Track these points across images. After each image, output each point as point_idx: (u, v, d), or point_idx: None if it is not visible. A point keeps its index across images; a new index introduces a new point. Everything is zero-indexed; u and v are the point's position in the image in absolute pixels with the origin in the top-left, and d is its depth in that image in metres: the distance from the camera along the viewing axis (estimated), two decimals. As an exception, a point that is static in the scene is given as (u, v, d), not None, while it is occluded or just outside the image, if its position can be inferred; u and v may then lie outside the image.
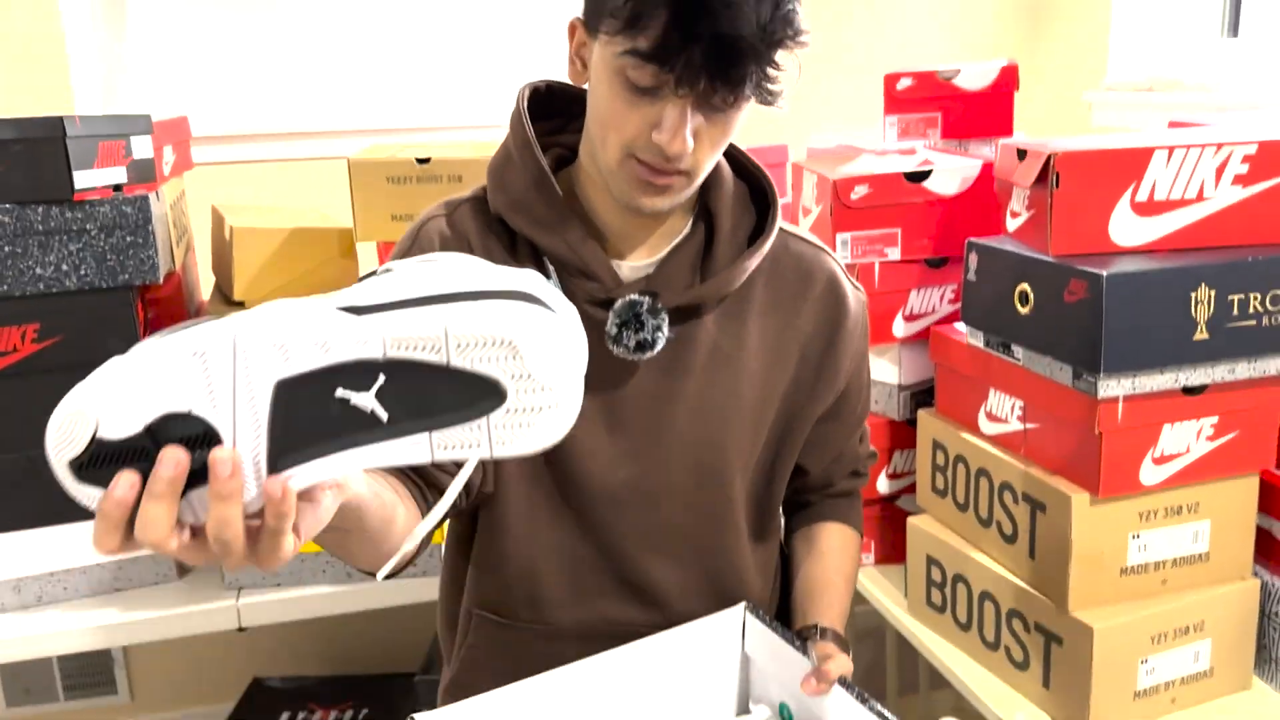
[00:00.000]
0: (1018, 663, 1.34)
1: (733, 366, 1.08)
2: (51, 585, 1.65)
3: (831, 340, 1.12)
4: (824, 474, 1.23)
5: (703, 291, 1.05)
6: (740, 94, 0.92)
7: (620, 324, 1.02)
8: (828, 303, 1.11)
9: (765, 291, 1.09)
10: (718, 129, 0.96)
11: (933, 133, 1.73)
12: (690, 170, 0.97)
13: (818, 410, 1.14)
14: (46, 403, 1.67)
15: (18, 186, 1.54)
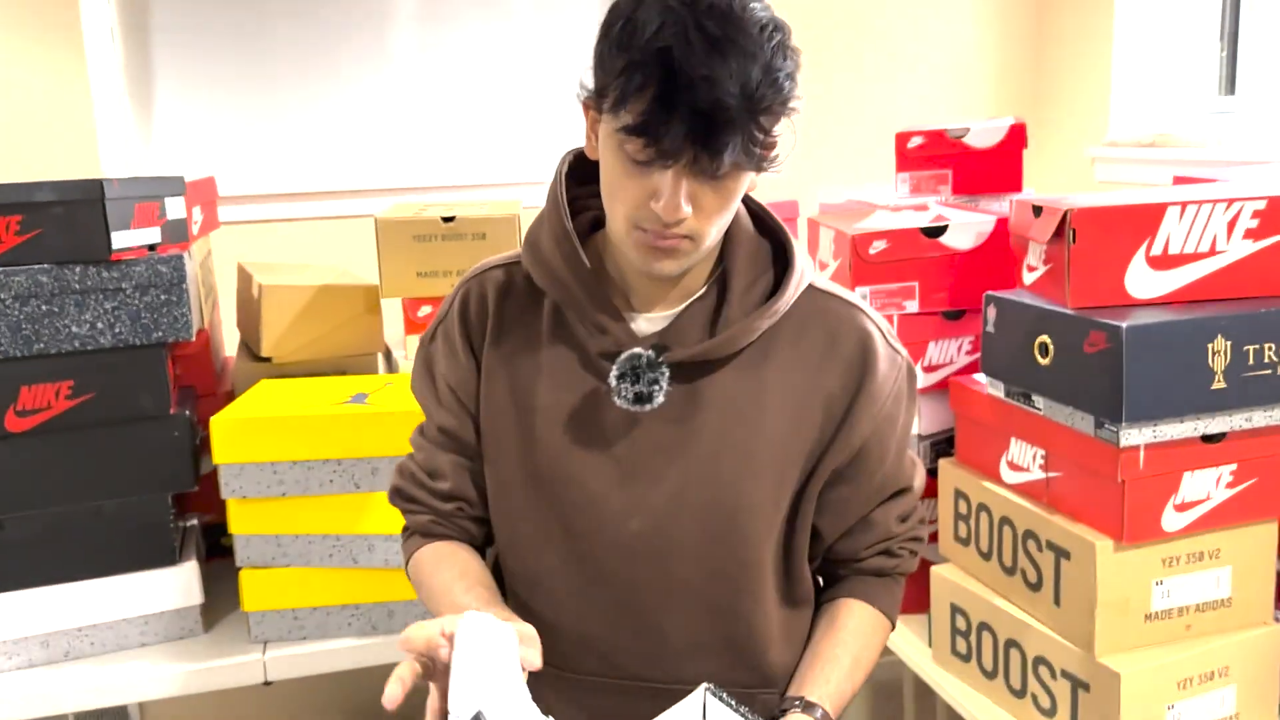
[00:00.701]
0: (1045, 709, 1.35)
1: (748, 422, 1.08)
2: (79, 640, 1.66)
3: (855, 397, 1.09)
4: (848, 546, 1.18)
5: (710, 347, 1.06)
6: (724, 162, 0.94)
7: (619, 376, 1.05)
8: (854, 361, 1.10)
9: (790, 348, 1.09)
10: (717, 195, 0.99)
11: (944, 189, 1.78)
12: (694, 235, 1.00)
13: (830, 467, 1.11)
14: (77, 459, 1.71)
15: (56, 247, 1.58)
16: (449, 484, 1.15)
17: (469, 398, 1.14)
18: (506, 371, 1.12)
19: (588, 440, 1.08)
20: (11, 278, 1.55)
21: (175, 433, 1.66)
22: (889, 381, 1.11)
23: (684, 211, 0.97)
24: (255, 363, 1.94)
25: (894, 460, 1.15)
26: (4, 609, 1.61)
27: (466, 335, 1.14)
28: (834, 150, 2.71)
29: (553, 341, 1.11)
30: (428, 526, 1.18)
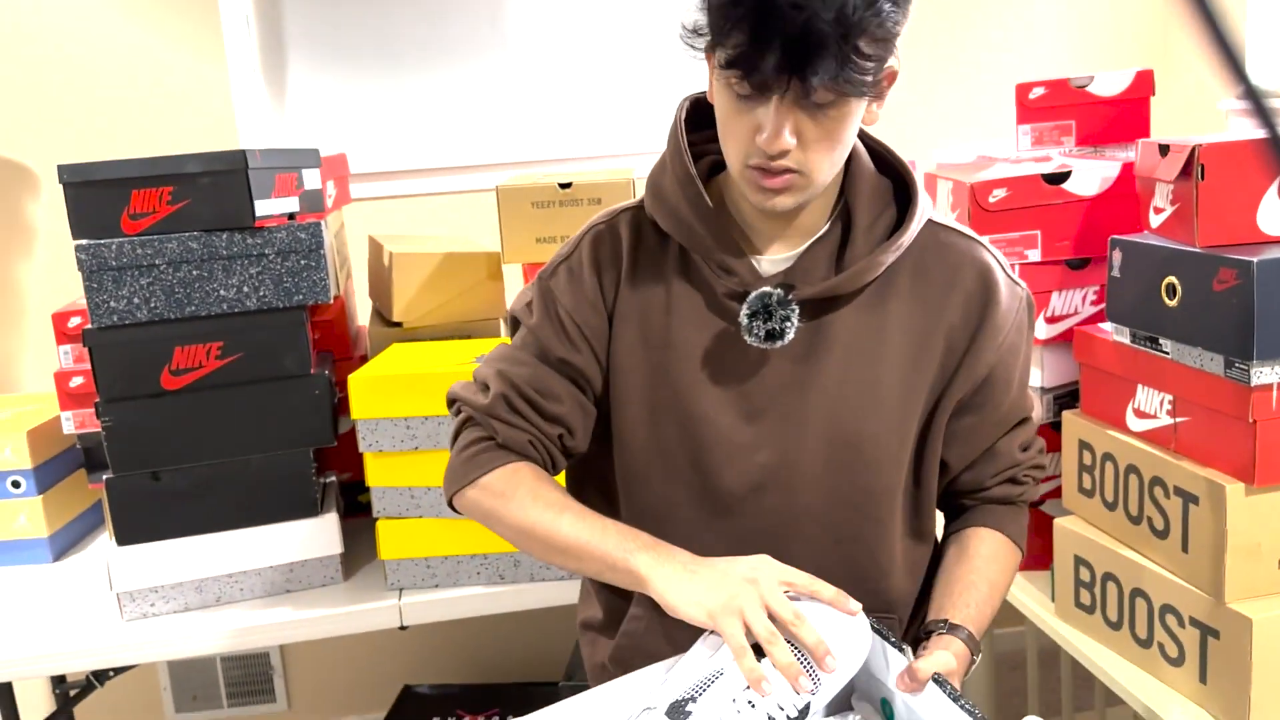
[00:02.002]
0: (1172, 659, 1.33)
1: (872, 356, 1.10)
2: (230, 586, 1.77)
3: (977, 329, 1.11)
4: (973, 476, 1.20)
5: (838, 283, 1.08)
6: (816, 87, 0.94)
7: (750, 314, 1.07)
8: (976, 293, 1.11)
9: (911, 283, 1.11)
10: (821, 127, 0.99)
11: (1067, 140, 1.75)
12: (802, 169, 1.01)
13: (955, 398, 1.12)
14: (226, 415, 1.82)
15: (204, 216, 1.68)
16: (563, 409, 1.15)
17: (593, 335, 1.15)
18: (638, 312, 1.14)
19: (716, 377, 1.11)
20: (165, 245, 1.67)
21: (316, 391, 1.76)
22: (1011, 312, 1.12)
23: (786, 143, 0.98)
24: (387, 328, 2.03)
25: (1018, 390, 1.16)
26: (161, 556, 1.72)
27: (598, 275, 1.15)
28: (952, 108, 2.67)
29: (680, 283, 1.13)
30: (523, 444, 1.15)
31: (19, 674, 1.70)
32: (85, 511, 2.15)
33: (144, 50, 2.42)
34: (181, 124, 2.44)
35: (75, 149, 2.40)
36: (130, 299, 1.67)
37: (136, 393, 1.69)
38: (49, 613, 1.80)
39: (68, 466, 2.11)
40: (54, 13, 2.38)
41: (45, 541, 2.00)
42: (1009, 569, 1.19)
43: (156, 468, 1.71)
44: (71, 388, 1.97)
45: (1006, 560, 1.19)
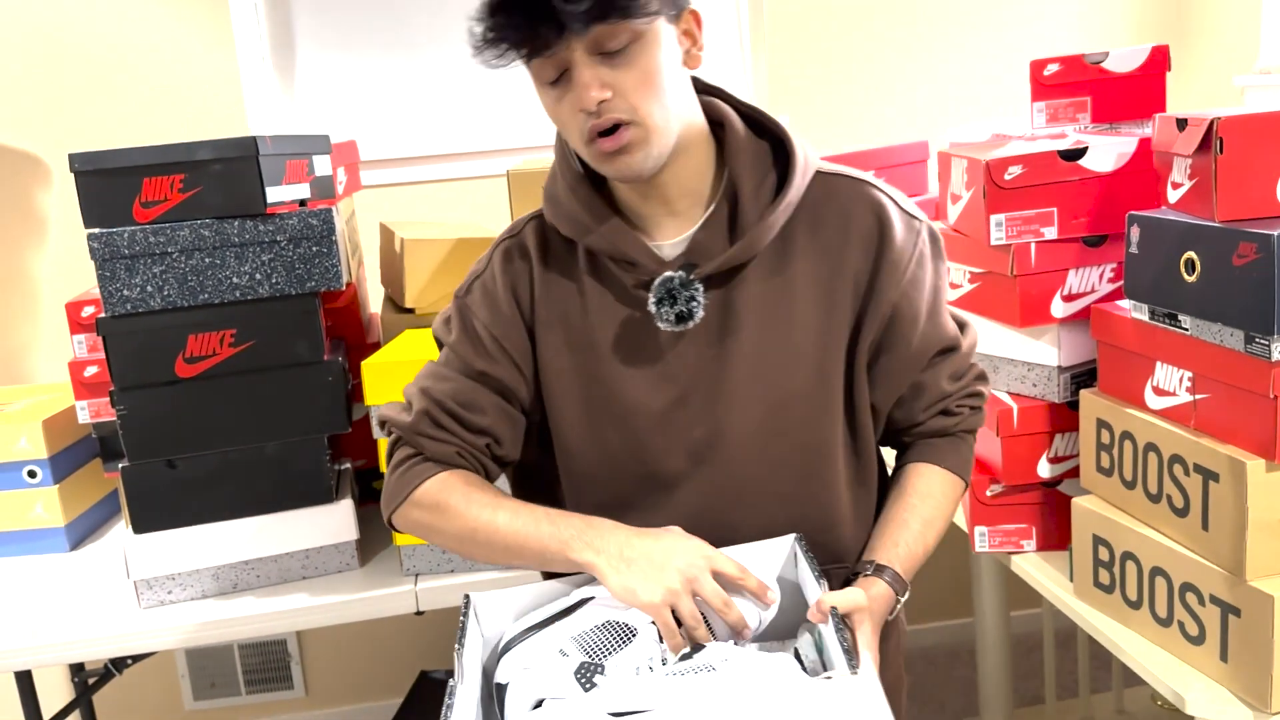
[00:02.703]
0: (1192, 637, 1.32)
1: (785, 316, 1.12)
2: (246, 573, 1.78)
3: (876, 267, 1.12)
4: (905, 413, 1.21)
5: (734, 254, 1.10)
6: (598, 26, 0.98)
7: (657, 301, 1.10)
8: (871, 231, 1.13)
9: (809, 236, 1.13)
10: (629, 71, 1.01)
11: (1083, 117, 1.73)
12: (633, 118, 1.03)
13: (868, 340, 1.14)
14: (241, 403, 1.82)
15: (215, 203, 1.68)
16: (487, 420, 1.17)
17: (512, 347, 1.17)
18: (558, 318, 1.16)
19: (641, 366, 1.13)
20: (177, 232, 1.66)
21: (329, 377, 1.76)
22: (909, 246, 1.14)
23: (598, 95, 1.01)
24: (399, 314, 2.02)
25: (928, 322, 1.16)
26: (177, 544, 1.73)
27: (511, 290, 1.17)
28: (966, 86, 2.65)
29: (592, 282, 1.15)
30: (450, 456, 1.18)
31: (38, 662, 1.71)
32: (101, 500, 2.16)
33: (153, 38, 2.41)
34: (192, 112, 2.43)
35: (86, 138, 2.40)
36: (143, 287, 1.67)
37: (151, 381, 1.69)
38: (66, 601, 1.81)
39: (83, 456, 2.11)
40: (63, 3, 2.38)
41: (62, 530, 2.01)
42: (947, 501, 1.21)
43: (172, 456, 1.72)
44: (86, 377, 1.97)
45: (943, 493, 1.20)
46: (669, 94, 1.05)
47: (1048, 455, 1.61)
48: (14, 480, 1.99)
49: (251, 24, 2.48)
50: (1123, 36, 2.67)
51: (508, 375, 1.17)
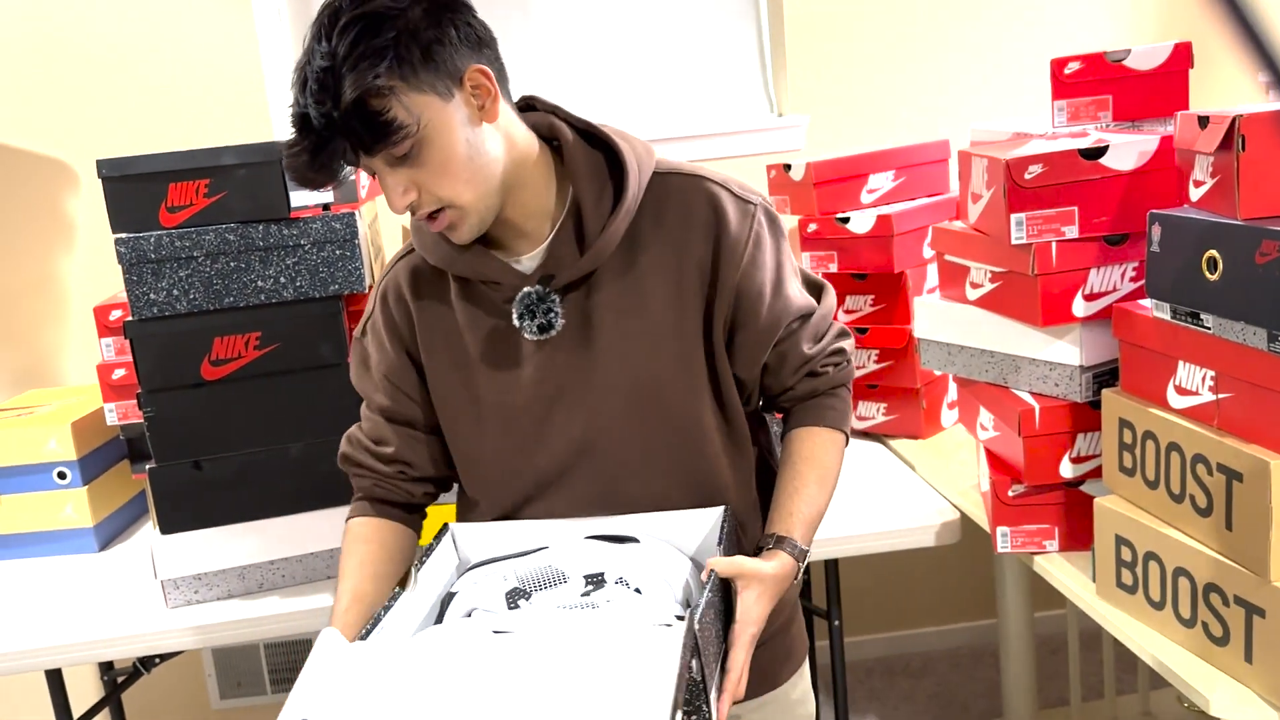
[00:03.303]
0: (1216, 638, 1.31)
1: (640, 310, 1.21)
2: (272, 573, 1.80)
3: (716, 254, 1.21)
4: (775, 381, 1.30)
5: (584, 264, 1.19)
6: (366, 158, 1.09)
7: (519, 316, 1.20)
8: (708, 220, 1.21)
9: (653, 232, 1.21)
10: (424, 168, 1.11)
11: (1104, 115, 1.73)
12: (447, 203, 1.13)
13: (721, 319, 1.23)
14: (267, 405, 1.84)
15: (240, 208, 1.70)
16: (392, 449, 1.31)
17: (401, 381, 1.29)
18: (439, 343, 1.26)
19: (517, 376, 1.24)
20: (202, 237, 1.68)
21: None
22: (744, 230, 1.22)
23: (404, 202, 1.12)
24: (421, 316, 2.03)
25: (774, 298, 1.25)
26: (204, 544, 1.75)
27: (393, 328, 1.28)
28: (987, 84, 2.64)
29: (464, 305, 1.25)
30: (370, 489, 1.33)
31: (67, 661, 1.73)
32: (129, 501, 2.18)
33: (178, 44, 2.44)
34: (216, 117, 2.46)
35: (113, 144, 2.43)
36: (170, 291, 1.69)
37: (177, 383, 1.71)
38: (96, 601, 1.83)
39: (111, 457, 2.14)
40: (88, 11, 2.41)
41: (91, 531, 2.04)
42: (831, 458, 1.30)
43: (198, 457, 1.74)
44: (114, 380, 2.00)
45: (826, 452, 1.29)
46: (471, 166, 1.13)
47: (1070, 455, 1.60)
48: (44, 482, 2.02)
49: (275, 27, 2.51)
50: (1146, 34, 2.65)
51: (404, 407, 1.30)
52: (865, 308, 2.18)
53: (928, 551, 1.84)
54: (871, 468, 2.07)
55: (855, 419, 2.23)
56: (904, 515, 1.83)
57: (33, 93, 2.43)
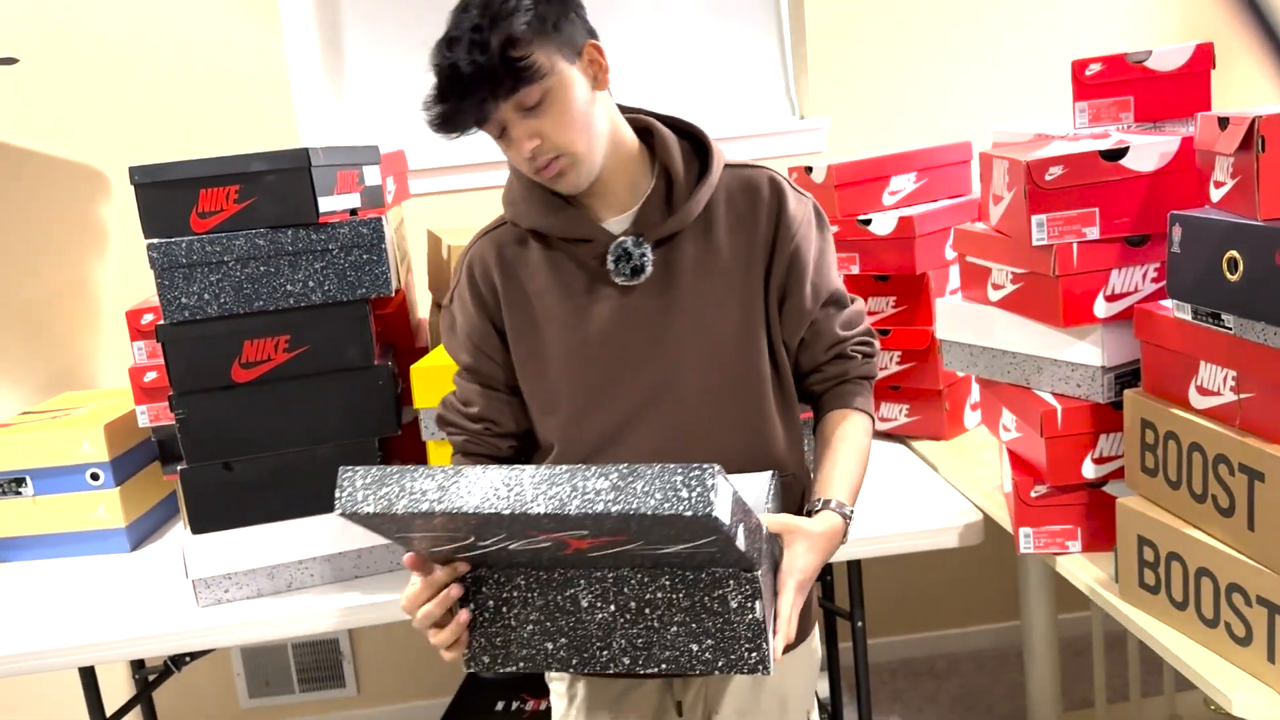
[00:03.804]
0: (1239, 638, 1.31)
1: (713, 272, 1.37)
2: (300, 572, 1.82)
3: (777, 225, 1.39)
4: (809, 357, 1.45)
5: (672, 223, 1.36)
6: (503, 104, 1.25)
7: (615, 259, 1.35)
8: (771, 200, 1.40)
9: (727, 213, 1.39)
10: (548, 117, 1.27)
11: (1125, 116, 1.73)
12: (562, 151, 1.29)
13: (777, 283, 1.40)
14: (296, 407, 1.87)
15: (269, 213, 1.73)
16: (477, 409, 1.45)
17: (483, 343, 1.43)
18: (525, 304, 1.40)
19: (598, 325, 1.37)
20: (233, 242, 1.71)
21: (379, 382, 1.80)
22: (800, 210, 1.42)
23: (528, 147, 1.28)
24: (446, 319, 2.06)
25: (815, 273, 1.42)
26: (234, 544, 1.78)
27: (478, 296, 1.42)
28: (1008, 86, 2.65)
29: (549, 268, 1.39)
30: (464, 445, 1.47)
31: (100, 659, 1.77)
32: (161, 502, 2.22)
33: (206, 52, 2.48)
34: (244, 124, 2.50)
35: (144, 151, 2.48)
36: (201, 295, 1.72)
37: (208, 385, 1.74)
38: (128, 600, 1.86)
39: (143, 459, 2.18)
40: (119, 23, 2.46)
41: (123, 531, 2.08)
42: (864, 437, 1.44)
43: (229, 458, 1.77)
44: (146, 382, 2.04)
45: (859, 431, 1.44)
46: (587, 123, 1.30)
47: (1092, 456, 1.60)
48: (77, 483, 2.06)
49: (302, 38, 2.55)
50: (1168, 34, 2.65)
51: (485, 367, 1.44)
52: (887, 309, 2.19)
53: (951, 553, 1.84)
54: (894, 469, 2.08)
55: (878, 420, 2.24)
56: (927, 516, 1.84)
57: (66, 102, 2.48)
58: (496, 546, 1.10)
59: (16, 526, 2.07)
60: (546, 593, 1.16)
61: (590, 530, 1.03)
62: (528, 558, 1.13)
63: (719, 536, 1.02)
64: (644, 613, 1.14)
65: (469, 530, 1.06)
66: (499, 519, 1.01)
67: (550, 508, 0.99)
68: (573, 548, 1.09)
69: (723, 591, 1.12)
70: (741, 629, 1.12)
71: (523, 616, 1.17)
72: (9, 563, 2.09)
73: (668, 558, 1.10)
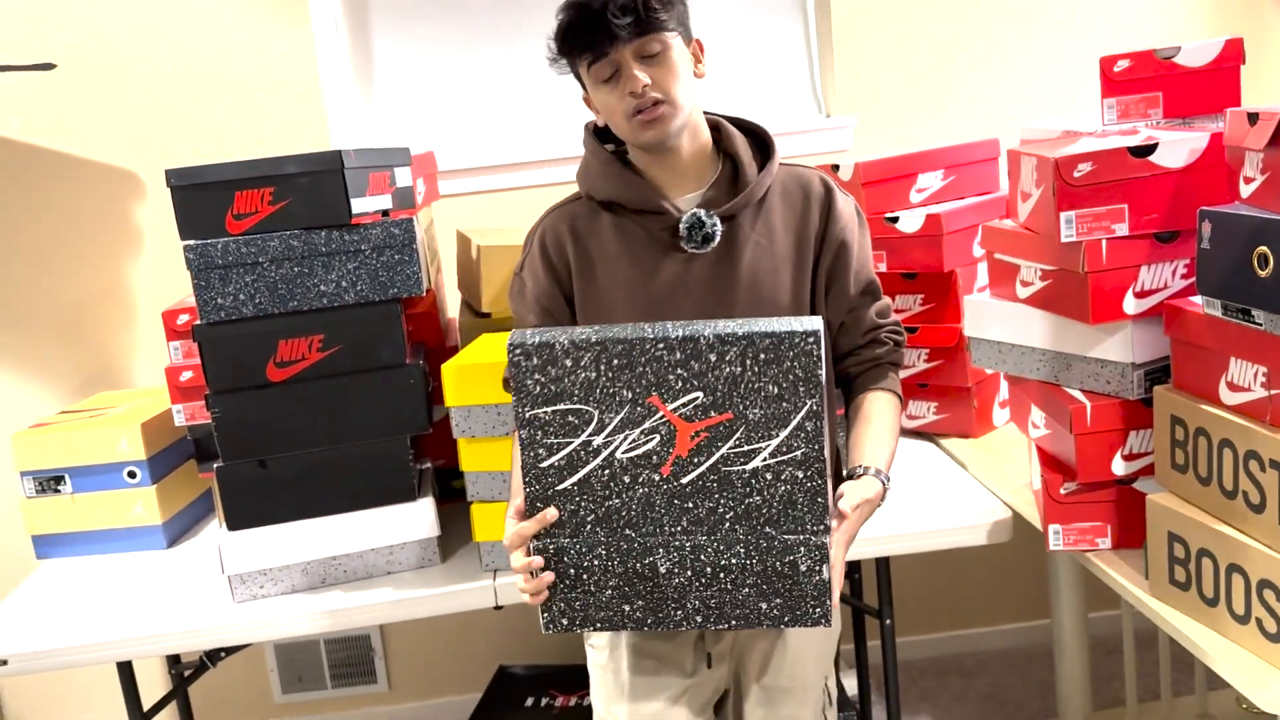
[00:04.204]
0: (1270, 634, 1.31)
1: (769, 248, 1.51)
2: (333, 568, 1.85)
3: (827, 217, 1.53)
4: (848, 340, 1.57)
5: (738, 201, 1.49)
6: (641, 35, 1.38)
7: (688, 228, 1.47)
8: (822, 200, 1.54)
9: (782, 204, 1.53)
10: (660, 68, 1.41)
11: (1154, 113, 1.72)
12: (663, 96, 1.41)
13: (825, 266, 1.53)
14: (330, 406, 1.89)
15: (303, 215, 1.76)
16: None
17: (551, 305, 1.55)
18: (594, 271, 1.51)
19: (664, 289, 1.49)
20: (267, 243, 1.74)
21: (411, 380, 1.82)
22: (847, 206, 1.56)
23: (641, 80, 1.40)
24: (476, 318, 2.08)
25: (859, 261, 1.56)
26: (269, 540, 1.81)
27: (549, 264, 1.54)
28: (1036, 83, 2.64)
29: (619, 238, 1.51)
30: None
31: (137, 653, 1.79)
32: (197, 499, 2.25)
33: (239, 58, 2.51)
34: (276, 127, 2.53)
35: (179, 154, 2.51)
36: (236, 295, 1.75)
37: (243, 385, 1.77)
38: (164, 596, 1.90)
39: (179, 457, 2.21)
40: (153, 29, 2.49)
41: (160, 528, 2.11)
42: (896, 413, 1.56)
43: (263, 456, 1.79)
44: (182, 382, 2.07)
45: (892, 408, 1.54)
46: (688, 86, 1.45)
47: (1122, 452, 1.60)
48: (115, 481, 2.10)
49: (332, 41, 2.58)
50: (1197, 30, 2.63)
51: (552, 326, 1.54)
52: (915, 307, 2.19)
53: (980, 550, 1.84)
54: (923, 466, 2.08)
55: (905, 419, 2.24)
56: (956, 514, 1.84)
57: (101, 106, 2.52)
58: (619, 432, 1.24)
59: (56, 524, 2.11)
60: (626, 560, 1.26)
61: (710, 374, 1.21)
62: (626, 481, 1.25)
63: (816, 398, 1.20)
64: (718, 577, 1.25)
65: (612, 373, 1.23)
66: (642, 344, 1.20)
67: (688, 332, 1.20)
68: (674, 455, 1.24)
69: (793, 557, 1.24)
70: (809, 589, 1.24)
71: (603, 583, 1.27)
72: (49, 559, 2.13)
73: (754, 485, 1.23)
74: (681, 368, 1.21)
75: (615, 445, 1.24)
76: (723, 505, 1.24)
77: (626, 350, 1.21)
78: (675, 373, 1.21)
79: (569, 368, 1.22)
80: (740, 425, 1.22)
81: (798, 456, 1.22)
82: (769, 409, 1.21)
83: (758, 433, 1.22)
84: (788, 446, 1.22)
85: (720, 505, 1.24)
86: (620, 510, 1.25)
